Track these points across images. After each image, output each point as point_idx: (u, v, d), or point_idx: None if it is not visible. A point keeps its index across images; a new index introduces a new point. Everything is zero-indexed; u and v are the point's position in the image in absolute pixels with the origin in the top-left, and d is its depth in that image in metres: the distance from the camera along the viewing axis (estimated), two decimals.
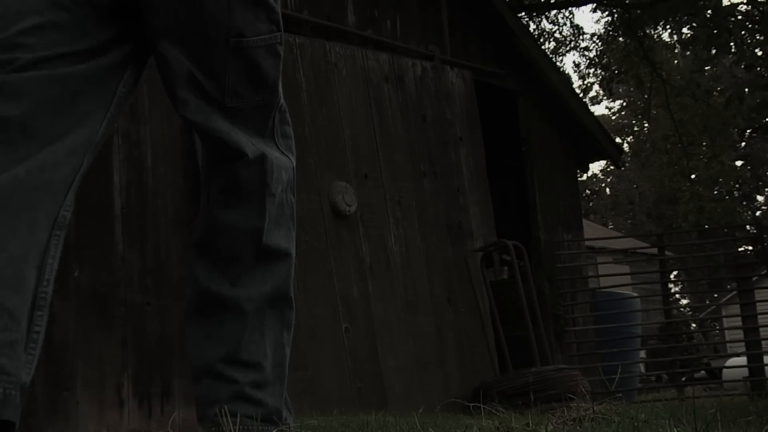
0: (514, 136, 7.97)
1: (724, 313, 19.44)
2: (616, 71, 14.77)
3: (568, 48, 18.34)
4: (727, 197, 25.69)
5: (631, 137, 33.44)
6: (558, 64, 22.21)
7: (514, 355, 6.34)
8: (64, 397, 4.33)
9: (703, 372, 14.58)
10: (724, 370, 13.25)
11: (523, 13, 14.77)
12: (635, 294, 9.38)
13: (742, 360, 8.32)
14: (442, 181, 6.59)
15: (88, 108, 1.55)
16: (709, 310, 23.92)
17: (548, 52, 16.56)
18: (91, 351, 4.48)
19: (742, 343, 8.37)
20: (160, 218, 4.94)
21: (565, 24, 22.39)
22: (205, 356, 1.68)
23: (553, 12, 17.09)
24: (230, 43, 1.60)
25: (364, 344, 5.61)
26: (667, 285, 8.79)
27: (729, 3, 14.27)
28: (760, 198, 31.06)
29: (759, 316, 8.08)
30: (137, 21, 1.60)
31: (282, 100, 1.79)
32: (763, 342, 8.16)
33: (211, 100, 1.68)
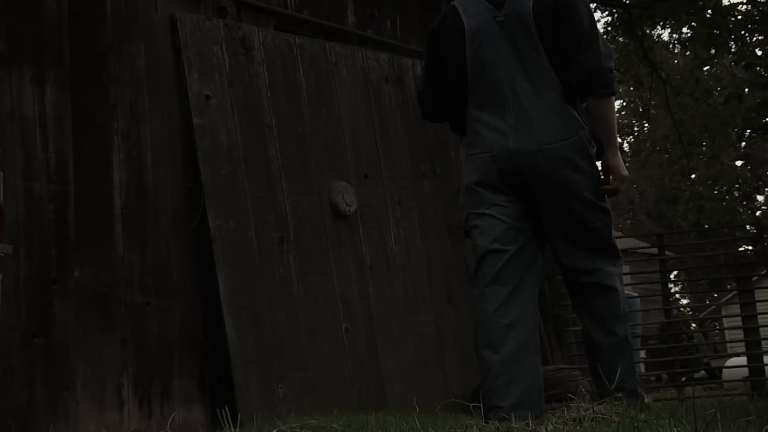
0: None
1: (724, 313, 19.44)
2: (616, 71, 14.70)
3: None
4: (727, 197, 25.67)
5: (631, 137, 33.42)
6: None
7: None
8: (64, 397, 4.33)
9: (703, 372, 14.58)
10: (724, 370, 13.26)
11: None
12: (635, 294, 9.37)
13: (742, 360, 8.33)
14: (442, 181, 6.59)
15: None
16: (709, 310, 23.92)
17: None
18: (91, 351, 4.48)
19: (742, 343, 8.38)
20: (160, 218, 4.94)
21: None
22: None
23: None
24: (585, 226, 3.06)
25: (364, 344, 5.61)
26: (667, 285, 8.80)
27: (729, 2, 14.27)
28: (760, 198, 31.06)
29: (759, 316, 8.09)
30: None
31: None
32: (763, 342, 8.16)
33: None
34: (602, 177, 3.15)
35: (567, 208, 3.03)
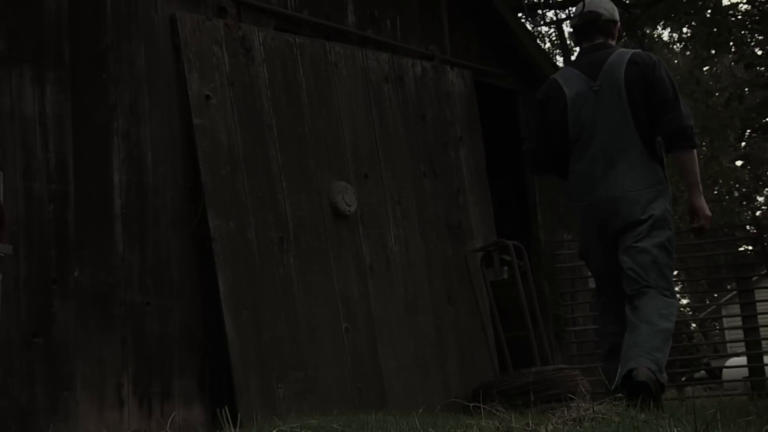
0: (514, 136, 7.97)
1: (724, 313, 19.43)
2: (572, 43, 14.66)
3: (563, 52, 18.30)
4: (726, 197, 25.66)
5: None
6: (558, 64, 22.15)
7: (514, 355, 6.33)
8: (64, 397, 4.33)
9: (703, 372, 14.58)
10: (724, 370, 13.25)
11: (522, 14, 14.73)
12: None
13: (742, 360, 8.32)
14: (442, 181, 6.59)
15: None
16: (709, 310, 23.91)
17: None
18: (91, 351, 4.48)
19: (742, 343, 8.38)
20: (160, 218, 4.94)
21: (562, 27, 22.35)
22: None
23: (551, 12, 17.06)
24: (649, 256, 3.65)
25: (364, 344, 5.60)
26: None
27: (729, 2, 14.27)
28: (760, 198, 31.04)
29: (759, 316, 8.09)
30: None
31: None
32: (763, 342, 8.16)
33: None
34: (689, 217, 3.83)
35: (638, 239, 3.64)
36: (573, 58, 3.93)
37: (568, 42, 17.28)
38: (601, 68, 3.76)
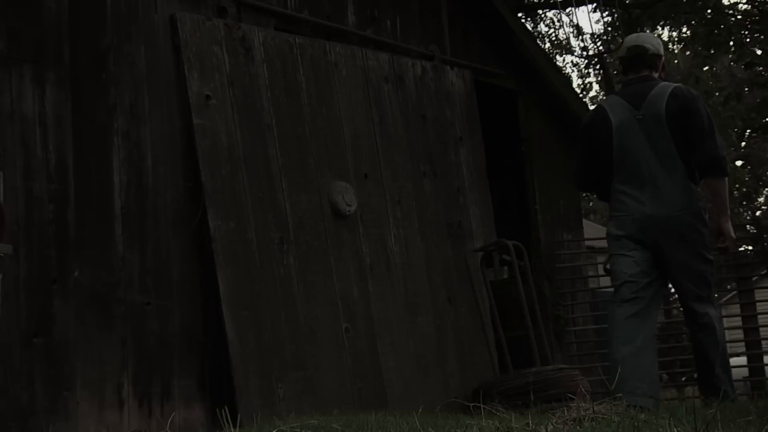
0: (514, 136, 7.97)
1: (724, 313, 19.40)
2: (616, 72, 14.72)
3: (563, 52, 18.30)
4: None
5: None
6: (558, 64, 22.19)
7: (514, 355, 6.33)
8: (64, 397, 4.33)
9: None
10: None
11: (522, 14, 14.75)
12: None
13: (742, 360, 8.31)
14: (442, 181, 6.59)
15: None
16: None
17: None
18: (91, 351, 4.48)
19: (742, 343, 8.37)
20: (160, 218, 4.93)
21: (561, 27, 22.37)
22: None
23: (552, 12, 17.07)
24: (696, 271, 4.15)
25: (364, 344, 5.60)
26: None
27: (728, 2, 14.27)
28: (760, 198, 31.03)
29: (759, 316, 8.09)
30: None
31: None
32: (763, 342, 8.16)
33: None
34: (715, 237, 4.23)
35: (684, 258, 4.11)
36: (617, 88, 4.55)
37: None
38: (644, 99, 4.16)
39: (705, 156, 4.12)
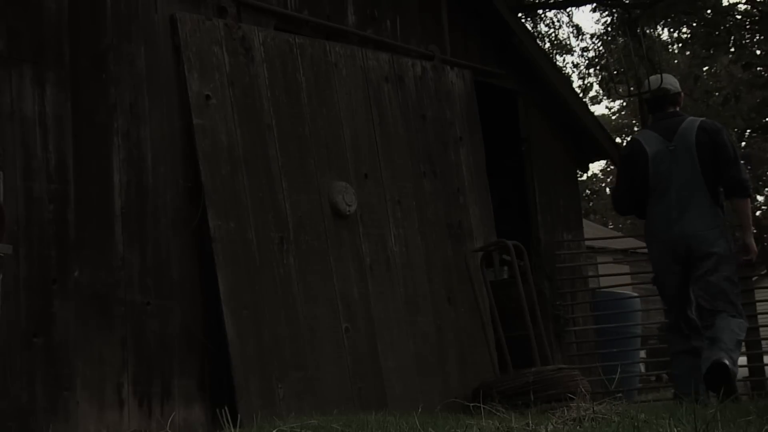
0: (514, 136, 7.97)
1: None
2: (615, 72, 14.73)
3: (563, 51, 18.29)
4: None
5: (631, 137, 33.43)
6: (558, 64, 22.16)
7: (514, 355, 6.33)
8: (64, 397, 4.33)
9: None
10: None
11: (522, 14, 14.75)
12: (635, 294, 9.37)
13: (742, 360, 8.31)
14: (442, 181, 6.59)
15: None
16: None
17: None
18: (91, 351, 4.48)
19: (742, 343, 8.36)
20: (160, 218, 4.93)
21: (560, 27, 22.36)
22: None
23: (552, 12, 17.07)
24: (717, 286, 4.75)
25: (364, 344, 5.60)
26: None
27: (728, 2, 14.27)
28: (760, 198, 31.04)
29: (759, 316, 8.08)
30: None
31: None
32: (763, 342, 8.16)
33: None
34: (738, 252, 4.85)
35: (707, 273, 4.71)
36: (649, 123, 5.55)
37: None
38: (675, 132, 4.88)
39: (732, 180, 4.80)
